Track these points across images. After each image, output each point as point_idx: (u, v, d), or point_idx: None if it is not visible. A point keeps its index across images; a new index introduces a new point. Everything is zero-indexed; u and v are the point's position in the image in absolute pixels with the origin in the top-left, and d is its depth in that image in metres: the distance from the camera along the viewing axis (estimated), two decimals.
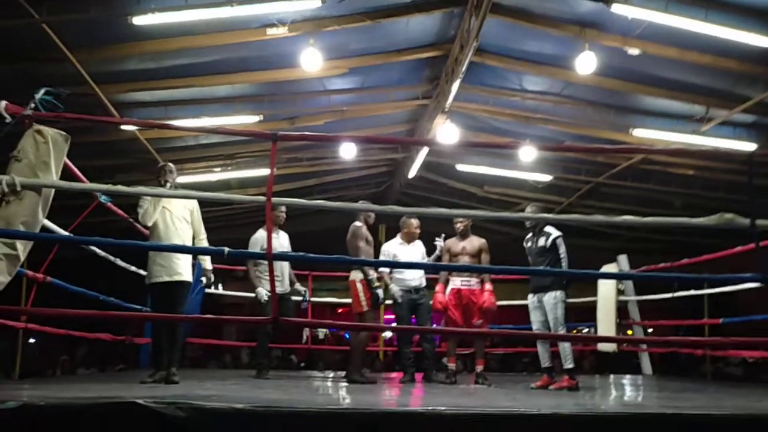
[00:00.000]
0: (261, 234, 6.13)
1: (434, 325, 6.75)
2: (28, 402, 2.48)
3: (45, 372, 9.91)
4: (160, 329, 4.95)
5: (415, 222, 6.21)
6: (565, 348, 5.48)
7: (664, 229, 12.38)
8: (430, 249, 6.28)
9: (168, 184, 4.97)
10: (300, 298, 6.63)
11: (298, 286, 6.61)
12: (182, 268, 4.90)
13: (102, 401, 2.51)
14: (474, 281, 5.99)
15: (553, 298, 5.42)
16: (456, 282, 5.99)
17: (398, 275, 6.15)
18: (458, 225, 6.07)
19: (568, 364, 5.42)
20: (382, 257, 6.19)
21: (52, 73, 6.87)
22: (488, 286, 5.96)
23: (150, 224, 4.86)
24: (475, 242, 6.08)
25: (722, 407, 3.03)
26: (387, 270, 6.14)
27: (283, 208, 6.21)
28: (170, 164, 5.13)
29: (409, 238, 6.24)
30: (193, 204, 5.08)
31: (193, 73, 7.93)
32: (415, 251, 6.23)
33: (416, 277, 6.18)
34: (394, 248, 6.23)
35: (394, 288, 6.07)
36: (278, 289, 5.55)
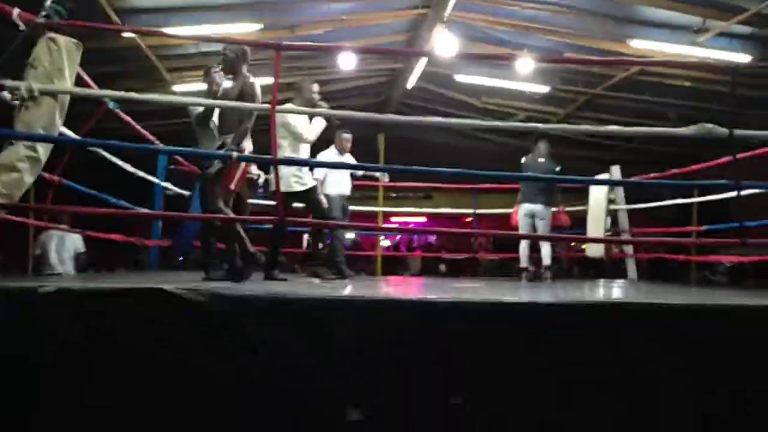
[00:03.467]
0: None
1: None
2: (64, 287, 2.75)
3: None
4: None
5: (347, 136, 6.70)
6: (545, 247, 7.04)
7: (656, 140, 12.52)
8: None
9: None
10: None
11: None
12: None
13: (131, 287, 2.78)
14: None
15: None
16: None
17: (335, 182, 6.60)
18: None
19: (547, 261, 6.91)
20: None
21: None
22: (562, 207, 7.40)
23: None
24: None
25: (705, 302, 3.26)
26: (322, 177, 6.49)
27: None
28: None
29: (342, 150, 6.71)
30: None
31: None
32: (348, 161, 6.74)
33: (349, 186, 6.78)
34: (332, 157, 6.62)
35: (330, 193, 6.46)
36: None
